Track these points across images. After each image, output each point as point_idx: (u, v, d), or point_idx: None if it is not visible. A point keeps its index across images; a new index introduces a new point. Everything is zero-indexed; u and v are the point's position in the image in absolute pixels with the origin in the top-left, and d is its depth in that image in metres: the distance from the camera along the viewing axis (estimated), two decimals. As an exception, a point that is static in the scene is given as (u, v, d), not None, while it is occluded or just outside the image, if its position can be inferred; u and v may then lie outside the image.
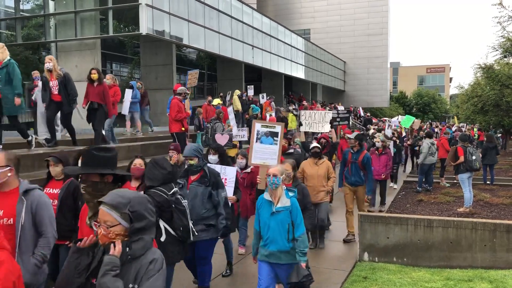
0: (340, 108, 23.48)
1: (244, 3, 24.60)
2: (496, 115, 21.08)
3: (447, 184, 12.79)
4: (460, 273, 5.68)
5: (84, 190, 2.80)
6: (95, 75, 8.21)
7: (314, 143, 7.75)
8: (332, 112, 12.62)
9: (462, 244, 5.96)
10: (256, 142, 5.87)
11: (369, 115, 33.82)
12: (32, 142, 7.47)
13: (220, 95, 18.97)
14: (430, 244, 6.08)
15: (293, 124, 16.23)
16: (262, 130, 5.91)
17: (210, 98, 15.57)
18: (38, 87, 8.82)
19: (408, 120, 16.93)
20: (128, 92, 11.18)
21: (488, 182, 12.77)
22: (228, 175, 5.38)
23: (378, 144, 9.72)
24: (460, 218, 6.56)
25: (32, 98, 9.65)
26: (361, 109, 33.60)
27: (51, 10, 18.28)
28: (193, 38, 19.31)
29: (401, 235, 6.22)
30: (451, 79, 79.03)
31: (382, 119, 35.19)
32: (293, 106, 20.56)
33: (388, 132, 15.37)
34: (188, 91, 10.83)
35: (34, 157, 6.95)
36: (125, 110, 11.11)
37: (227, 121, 11.59)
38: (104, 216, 2.10)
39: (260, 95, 20.10)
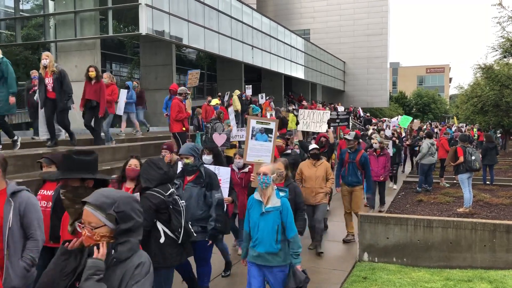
0: (340, 108, 23.49)
1: (244, 3, 24.59)
2: (495, 115, 21.08)
3: (447, 185, 12.78)
4: (460, 273, 5.68)
5: (64, 196, 2.65)
6: (92, 73, 8.20)
7: (313, 144, 7.71)
8: (331, 113, 12.61)
9: (461, 244, 5.96)
10: (251, 139, 5.79)
11: (368, 115, 33.85)
12: (18, 143, 7.32)
13: (219, 95, 18.96)
14: (430, 244, 6.08)
15: (293, 125, 16.19)
16: (257, 127, 5.82)
17: (210, 98, 15.56)
18: (37, 87, 8.79)
19: (406, 120, 16.97)
20: (123, 92, 11.13)
21: (487, 183, 12.76)
22: (222, 175, 5.30)
23: (376, 145, 9.58)
24: (460, 219, 6.55)
25: (34, 98, 9.62)
26: (360, 109, 33.64)
27: (51, 10, 18.25)
28: (192, 38, 19.31)
29: (400, 235, 6.22)
30: (450, 79, 79.02)
31: (381, 119, 35.21)
32: (293, 106, 20.53)
33: (388, 132, 15.39)
34: (188, 91, 10.82)
35: (35, 157, 6.93)
36: (119, 110, 11.08)
37: (226, 121, 11.57)
38: (88, 217, 1.99)
39: (259, 95, 20.06)
